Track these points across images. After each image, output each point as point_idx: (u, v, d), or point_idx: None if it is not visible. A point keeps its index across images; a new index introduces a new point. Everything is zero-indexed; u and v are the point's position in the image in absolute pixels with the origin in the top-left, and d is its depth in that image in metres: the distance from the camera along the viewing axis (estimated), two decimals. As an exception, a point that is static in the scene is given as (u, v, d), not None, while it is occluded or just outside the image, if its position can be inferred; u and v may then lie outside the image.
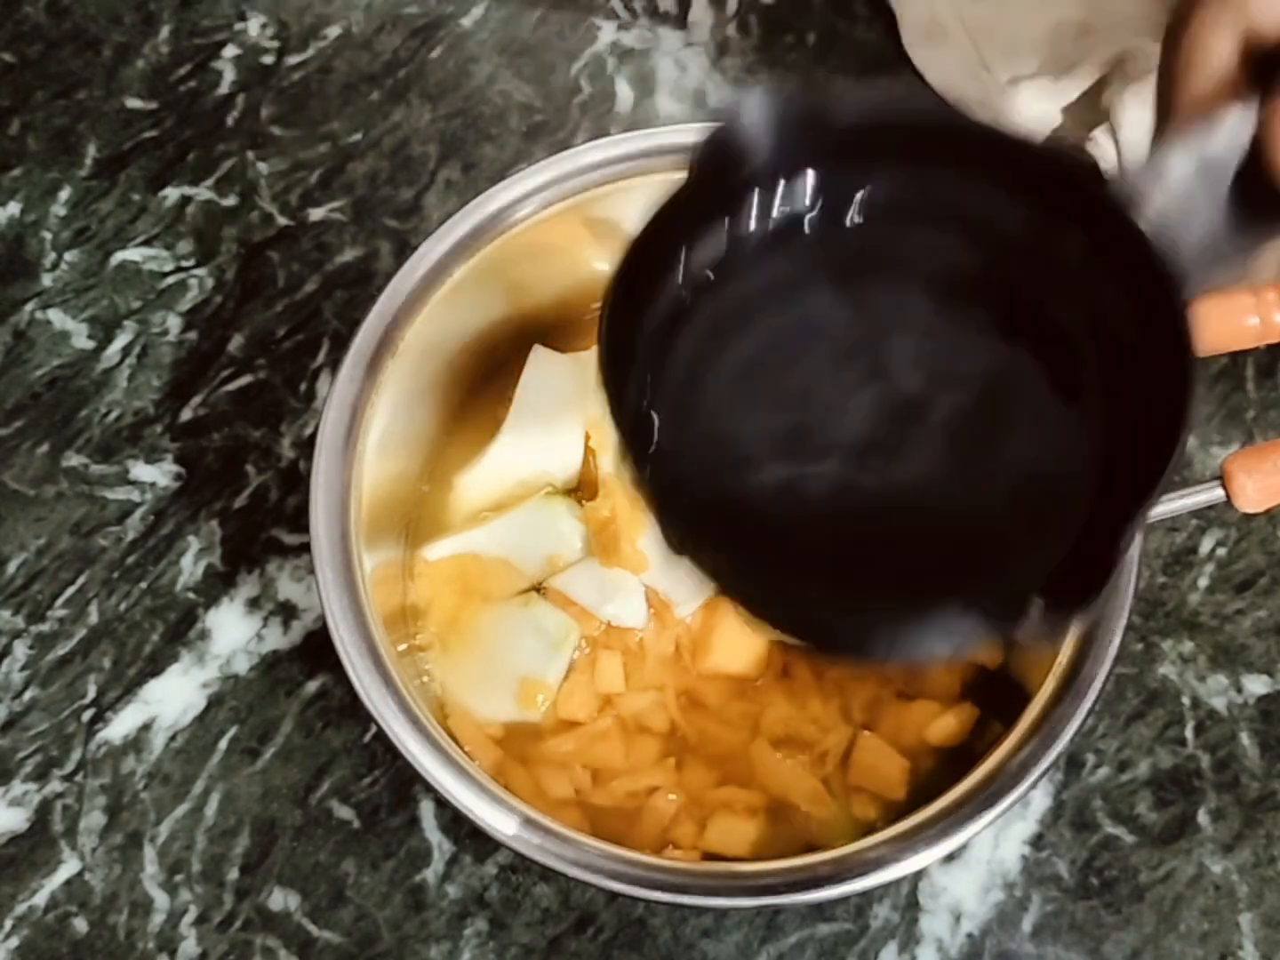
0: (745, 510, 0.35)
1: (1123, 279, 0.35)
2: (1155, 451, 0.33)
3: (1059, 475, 0.35)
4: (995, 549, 0.35)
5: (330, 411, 0.51)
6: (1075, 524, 0.34)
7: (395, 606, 0.55)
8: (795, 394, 0.36)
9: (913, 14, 0.68)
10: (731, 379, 0.36)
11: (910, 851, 0.46)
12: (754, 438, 0.36)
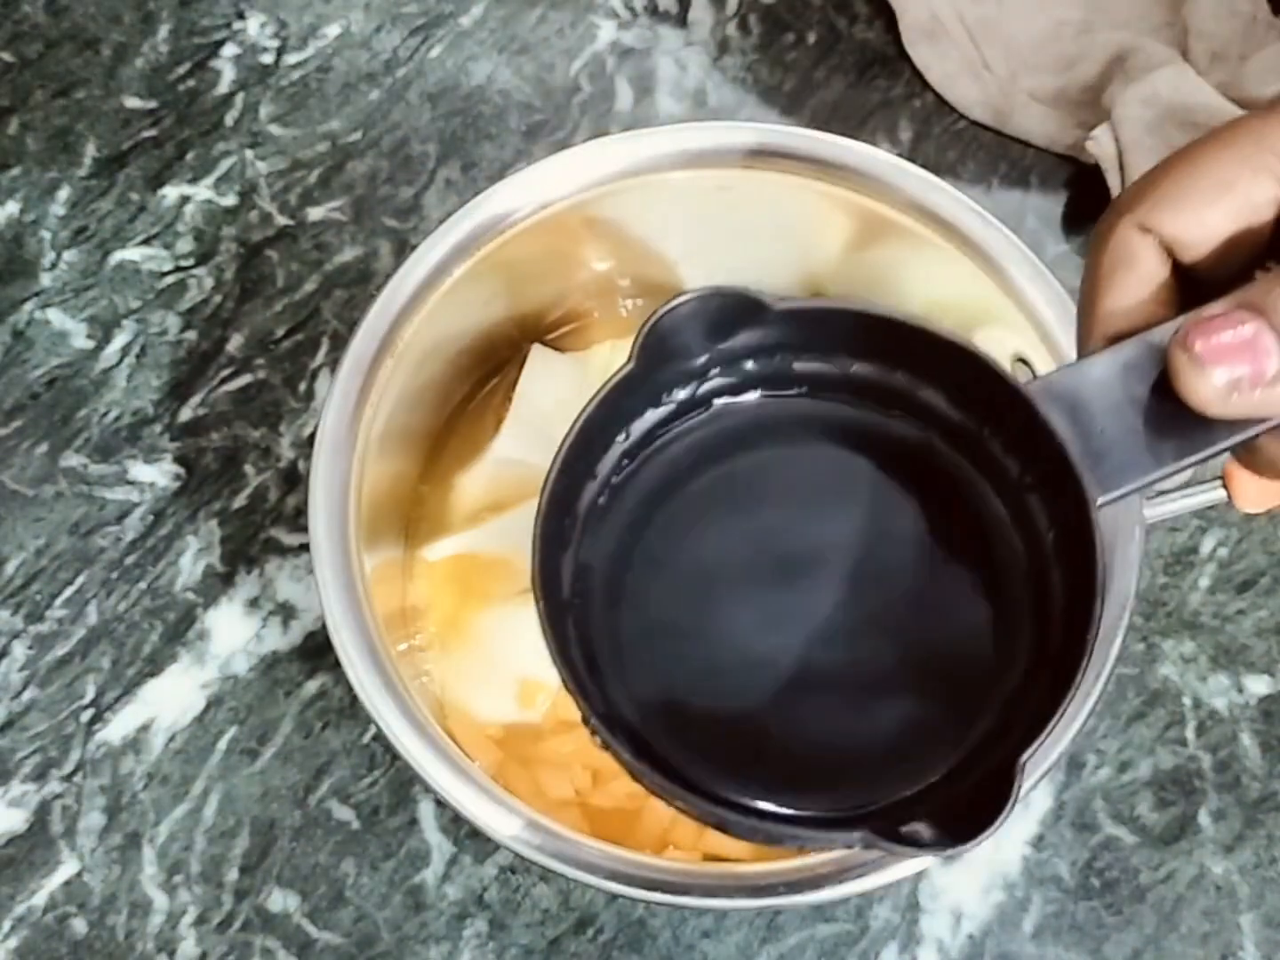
0: (671, 695, 0.36)
1: (1043, 482, 0.35)
2: (1060, 674, 0.32)
3: (969, 684, 0.35)
4: (896, 760, 0.35)
5: (329, 411, 0.51)
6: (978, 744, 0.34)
7: (395, 607, 0.55)
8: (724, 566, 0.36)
9: (913, 13, 0.68)
10: (655, 556, 0.37)
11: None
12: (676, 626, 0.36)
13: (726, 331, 0.35)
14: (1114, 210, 0.34)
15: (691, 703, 0.35)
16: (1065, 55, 0.67)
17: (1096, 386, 0.33)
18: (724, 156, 0.52)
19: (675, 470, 0.37)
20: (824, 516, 0.36)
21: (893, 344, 0.35)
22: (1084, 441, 0.33)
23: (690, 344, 0.35)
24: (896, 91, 0.68)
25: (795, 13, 0.70)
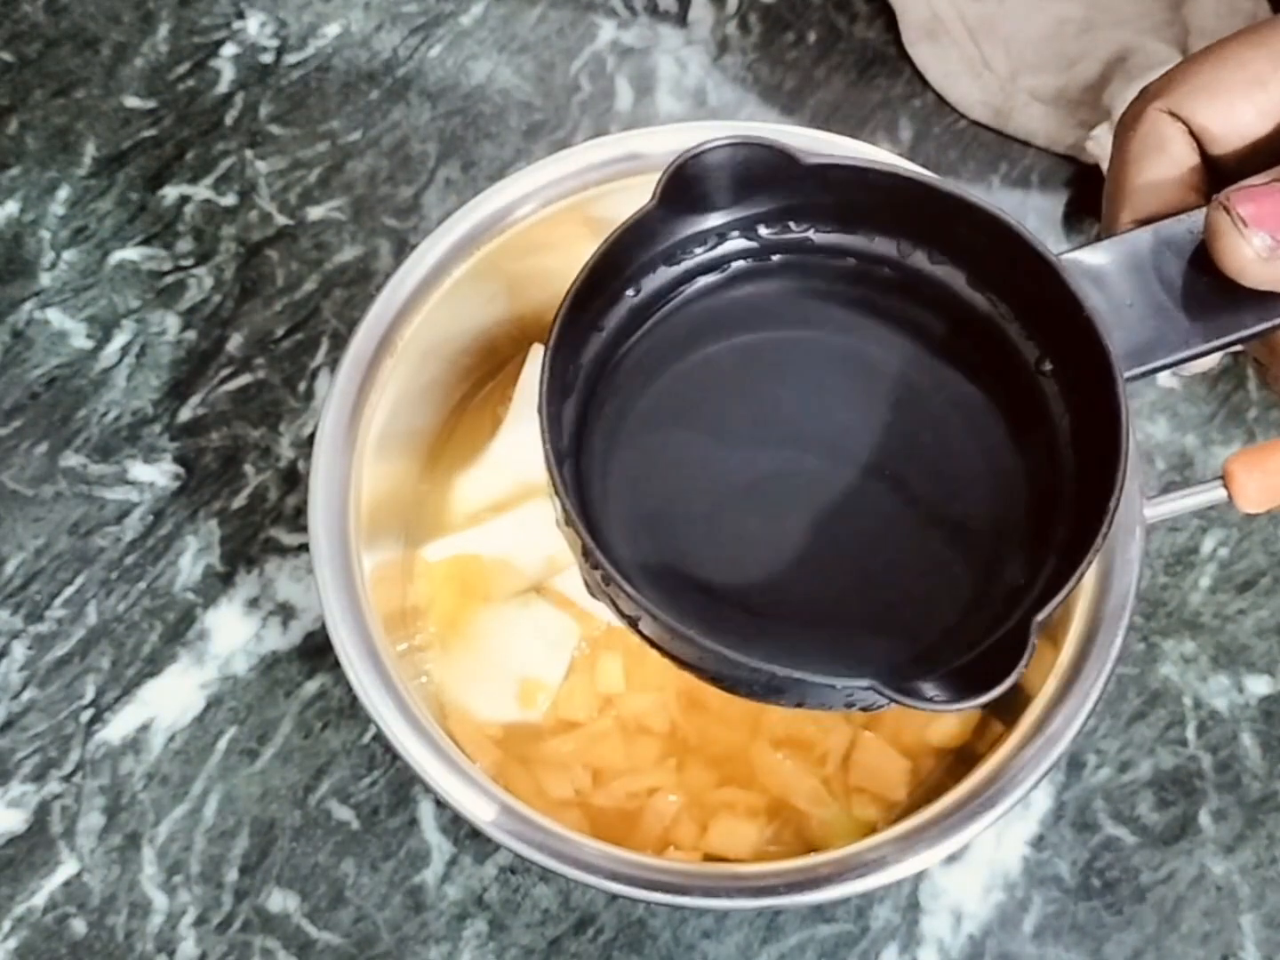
0: (668, 558, 0.35)
1: (1064, 350, 0.34)
2: (1081, 532, 0.32)
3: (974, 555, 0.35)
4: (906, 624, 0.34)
5: (329, 411, 0.51)
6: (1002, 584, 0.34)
7: (394, 607, 0.55)
8: (730, 429, 0.36)
9: (913, 12, 0.68)
10: (663, 415, 0.36)
11: (911, 852, 0.46)
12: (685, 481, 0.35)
13: (752, 186, 0.34)
14: (1143, 97, 0.34)
15: (687, 568, 0.34)
16: (1066, 54, 0.66)
17: (1125, 264, 0.33)
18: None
19: (683, 335, 0.36)
20: (833, 391, 0.36)
21: (919, 211, 0.34)
22: (1112, 315, 0.33)
23: (713, 195, 0.34)
24: (897, 91, 0.68)
25: (795, 12, 0.70)
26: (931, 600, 0.34)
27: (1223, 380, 0.62)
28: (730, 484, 0.35)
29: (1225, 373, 0.62)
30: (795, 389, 0.36)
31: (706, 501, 0.35)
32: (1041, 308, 0.34)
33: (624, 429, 0.35)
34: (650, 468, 0.35)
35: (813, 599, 0.34)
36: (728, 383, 0.36)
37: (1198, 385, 0.62)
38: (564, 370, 0.35)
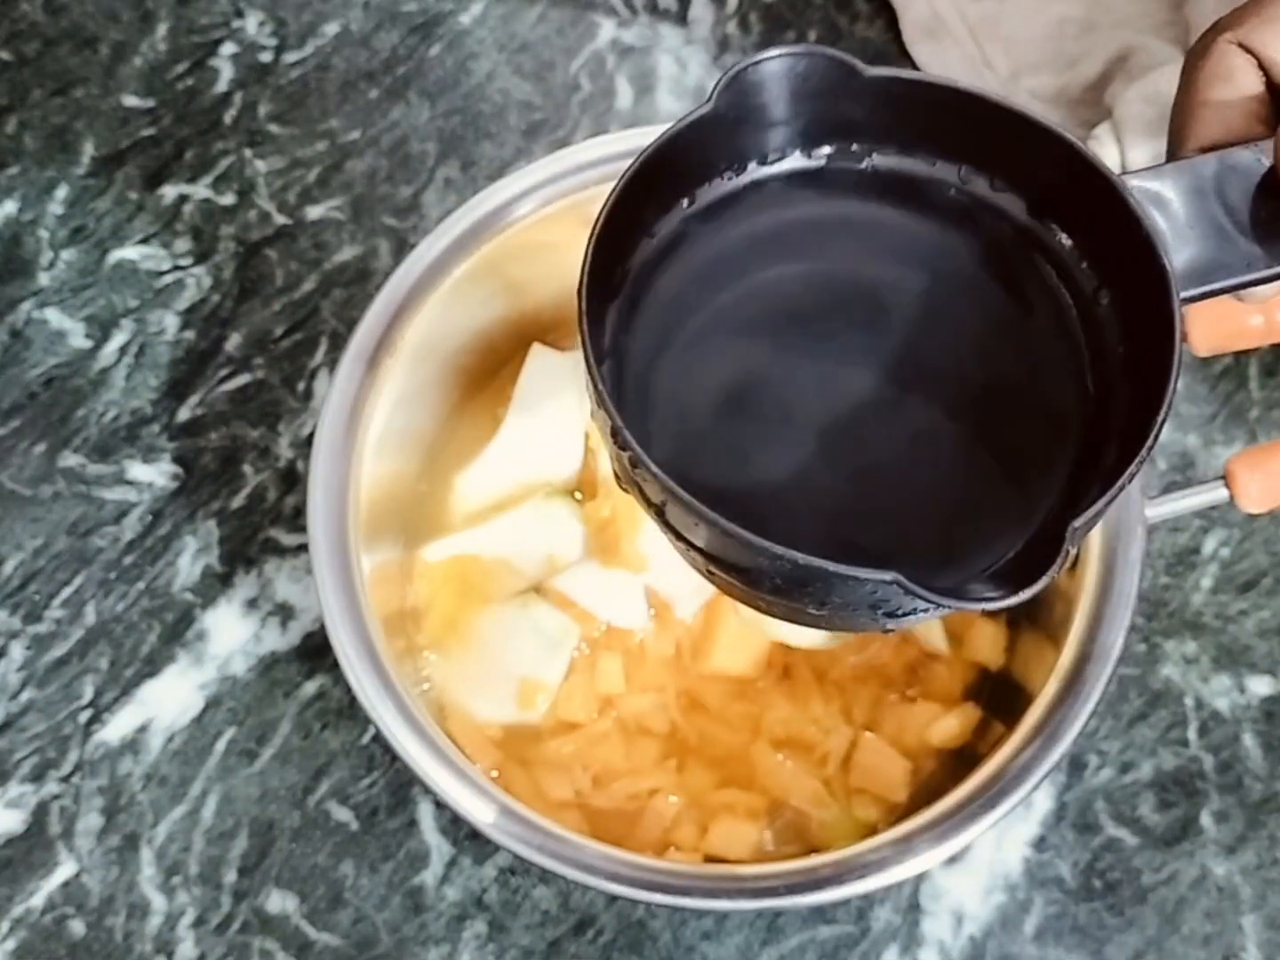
0: (708, 461, 0.35)
1: (1122, 276, 0.35)
2: (1128, 440, 0.32)
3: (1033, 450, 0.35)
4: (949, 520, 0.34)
5: (328, 411, 0.51)
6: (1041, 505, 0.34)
7: (394, 607, 0.54)
8: (775, 345, 0.36)
9: (914, 11, 0.68)
10: (711, 325, 0.36)
11: (912, 853, 0.46)
12: (728, 388, 0.35)
13: (811, 99, 0.34)
14: (1214, 29, 0.34)
15: (720, 471, 0.34)
16: (1067, 54, 0.66)
17: (1188, 188, 0.33)
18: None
19: (739, 253, 0.36)
20: (887, 316, 0.36)
21: (981, 131, 0.34)
22: (1172, 236, 0.33)
23: (771, 106, 0.34)
24: (897, 90, 0.68)
25: (796, 11, 0.70)
26: (969, 513, 0.34)
27: (1224, 381, 0.62)
28: (775, 399, 0.35)
29: (1226, 373, 0.62)
30: (848, 313, 0.36)
31: (748, 414, 0.35)
32: (1101, 232, 0.34)
33: (671, 338, 0.35)
34: (694, 378, 0.35)
35: (846, 506, 0.34)
36: (781, 304, 0.36)
37: (1199, 385, 0.62)
38: (608, 270, 0.34)
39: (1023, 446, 0.35)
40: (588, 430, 0.57)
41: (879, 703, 0.54)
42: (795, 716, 0.54)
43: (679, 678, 0.55)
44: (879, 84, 0.34)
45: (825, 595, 0.32)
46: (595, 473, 0.56)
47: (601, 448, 0.56)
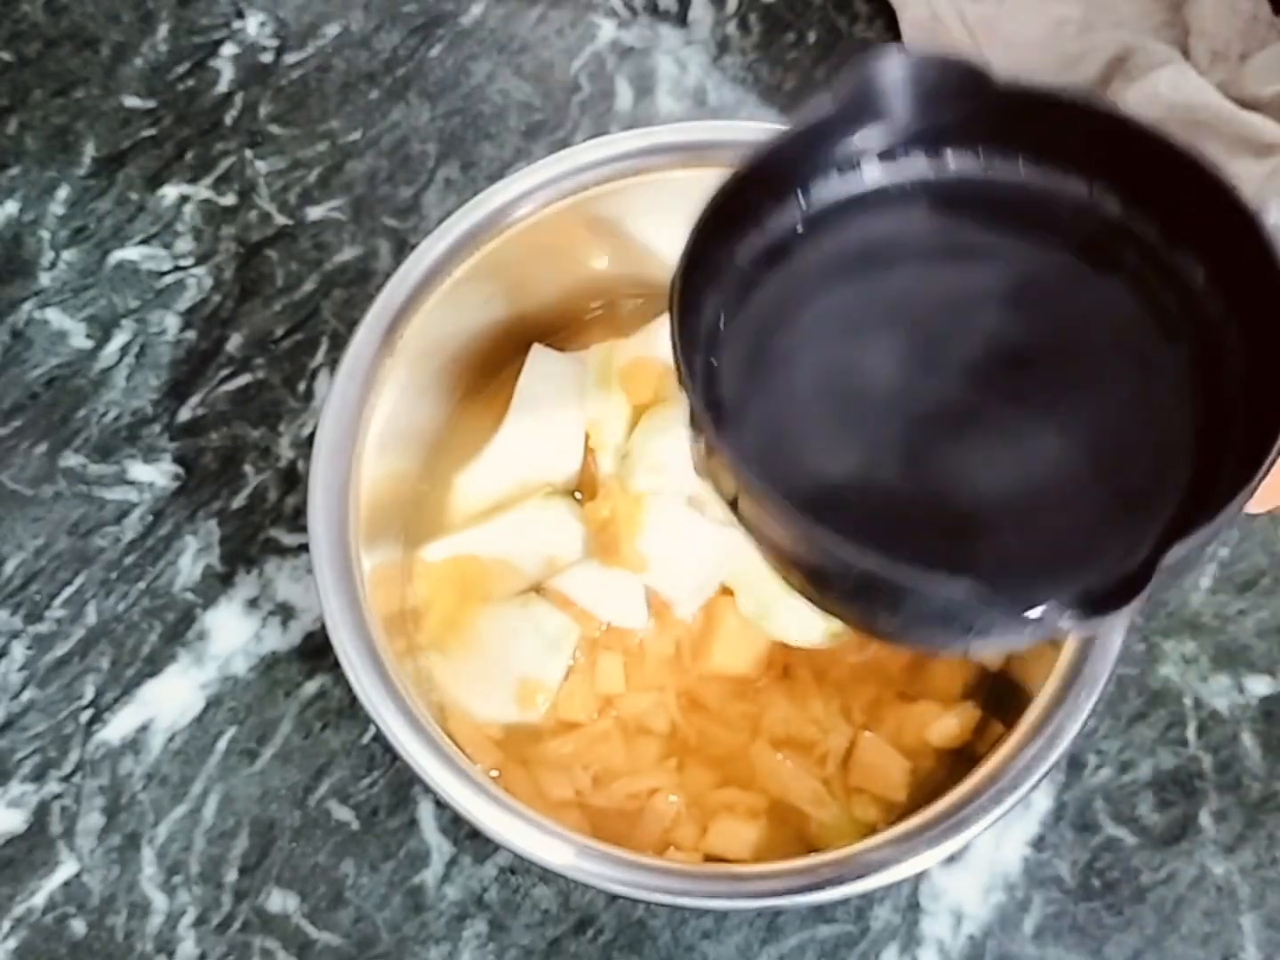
0: (801, 470, 0.34)
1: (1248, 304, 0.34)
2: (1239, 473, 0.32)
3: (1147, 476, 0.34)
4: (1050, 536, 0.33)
5: (329, 411, 0.51)
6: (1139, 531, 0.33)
7: (394, 607, 0.54)
8: (882, 355, 0.35)
9: (913, 11, 0.68)
10: (814, 333, 0.35)
11: (911, 853, 0.46)
12: (823, 390, 0.34)
13: (937, 106, 0.33)
14: None
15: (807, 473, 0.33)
16: (1066, 54, 0.66)
17: None
18: (724, 155, 0.52)
19: (854, 255, 0.35)
20: (1002, 331, 0.35)
21: (1116, 151, 0.33)
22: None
23: (896, 110, 0.33)
24: (897, 91, 0.68)
25: (795, 11, 0.70)
26: (1066, 535, 0.33)
27: (1223, 380, 0.62)
28: (873, 404, 0.34)
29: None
30: (960, 327, 0.35)
31: (842, 416, 0.34)
32: (1234, 265, 0.33)
33: (772, 335, 0.34)
34: (789, 379, 0.34)
35: (933, 518, 0.33)
36: (891, 313, 0.35)
37: None
38: (710, 258, 0.33)
39: (1133, 474, 0.34)
40: (588, 430, 0.57)
41: (878, 702, 0.54)
42: (795, 716, 0.54)
43: (679, 678, 0.55)
44: (1009, 94, 0.33)
45: (896, 605, 0.31)
46: (595, 473, 0.57)
47: (602, 448, 0.56)
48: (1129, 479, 0.34)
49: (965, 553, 0.32)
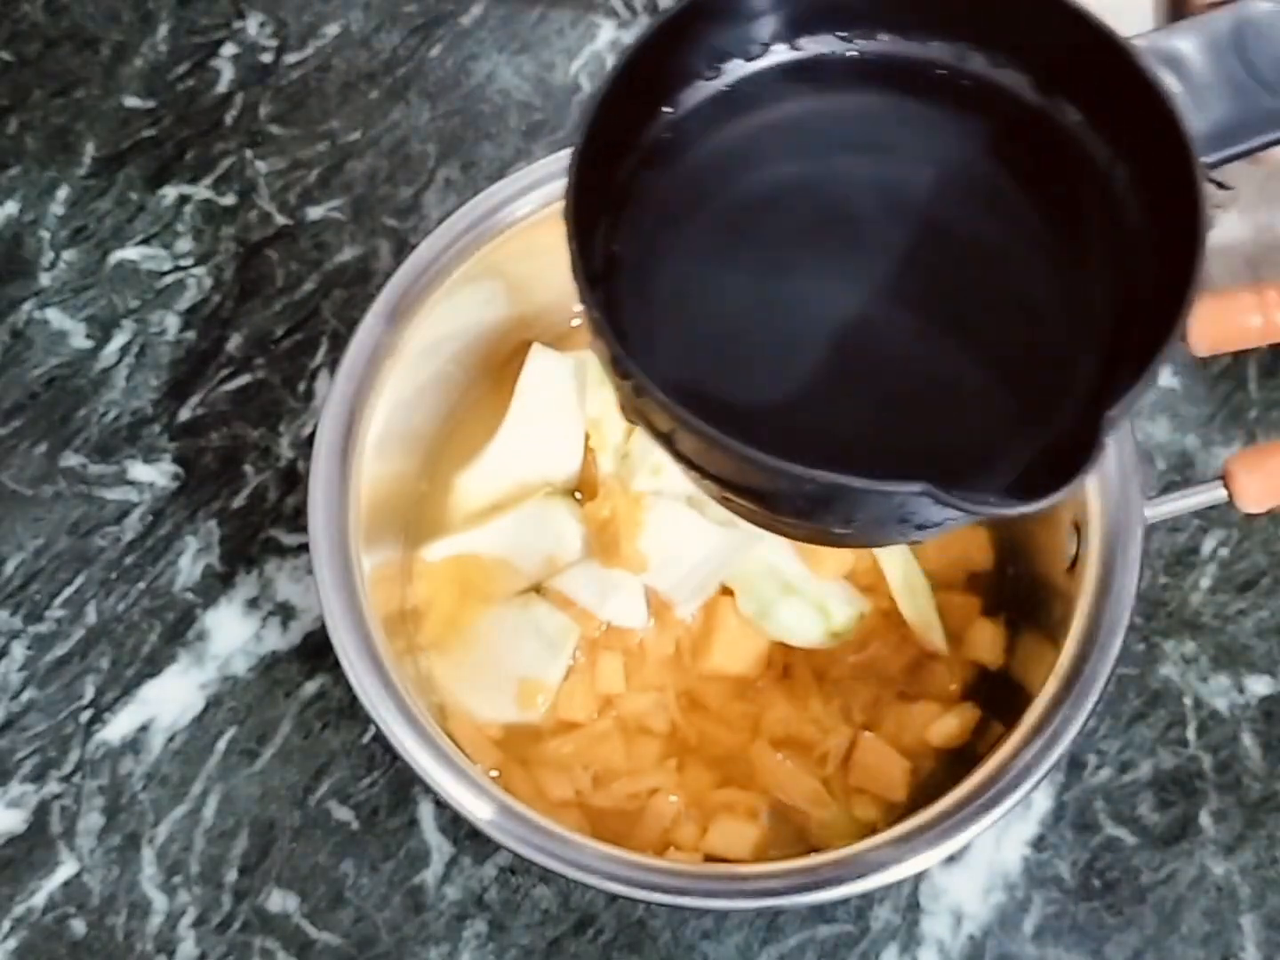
0: (716, 371, 0.33)
1: (1134, 147, 0.33)
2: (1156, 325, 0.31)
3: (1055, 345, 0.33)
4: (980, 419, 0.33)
5: (329, 411, 0.51)
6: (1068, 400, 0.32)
7: (394, 607, 0.54)
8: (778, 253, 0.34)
9: (913, 12, 0.68)
10: (708, 231, 0.34)
11: (911, 853, 0.46)
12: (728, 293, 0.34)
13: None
14: None
15: (729, 390, 0.32)
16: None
17: (1203, 45, 0.32)
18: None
19: (729, 158, 0.34)
20: (890, 216, 0.34)
21: (979, 6, 0.33)
22: (1189, 98, 0.31)
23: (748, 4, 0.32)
24: (897, 91, 0.68)
25: (795, 12, 0.70)
26: (995, 415, 0.33)
27: (1223, 381, 0.62)
28: (782, 313, 0.33)
29: (1225, 373, 0.62)
30: (851, 218, 0.34)
31: (754, 329, 0.33)
32: (1114, 103, 0.32)
33: (666, 253, 0.34)
34: (694, 295, 0.33)
35: (863, 419, 0.33)
36: (778, 212, 0.34)
37: (1198, 386, 0.62)
38: (594, 185, 0.32)
39: (1045, 342, 0.33)
40: (588, 430, 0.57)
41: (878, 702, 0.54)
42: (795, 716, 0.54)
43: (679, 677, 0.55)
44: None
45: (851, 513, 0.31)
46: (595, 473, 0.57)
47: (602, 448, 0.56)
48: (1043, 350, 0.33)
49: (900, 450, 0.32)
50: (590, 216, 0.32)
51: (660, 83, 0.33)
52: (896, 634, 0.55)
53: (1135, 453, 0.50)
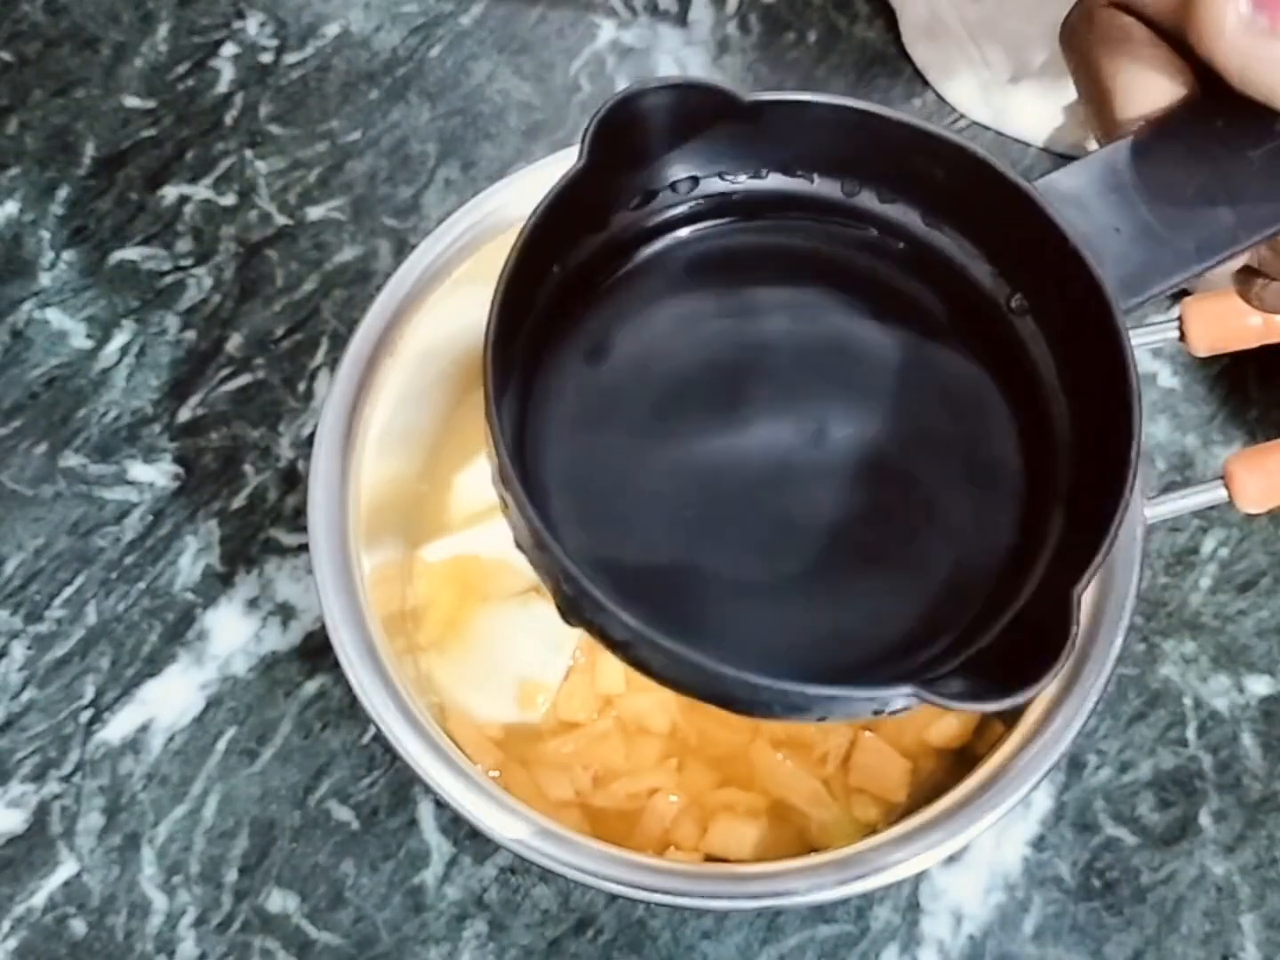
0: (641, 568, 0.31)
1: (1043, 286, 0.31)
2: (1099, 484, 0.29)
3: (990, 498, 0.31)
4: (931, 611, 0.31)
5: (329, 411, 0.51)
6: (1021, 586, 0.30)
7: (394, 607, 0.54)
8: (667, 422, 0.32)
9: (913, 12, 0.68)
10: (606, 406, 0.32)
11: (911, 853, 0.46)
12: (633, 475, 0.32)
13: (689, 131, 0.30)
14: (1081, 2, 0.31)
15: (654, 570, 0.31)
16: (1066, 54, 0.66)
17: (1105, 184, 0.30)
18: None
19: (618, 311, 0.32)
20: (789, 364, 0.32)
21: (873, 147, 0.31)
22: (1099, 243, 0.29)
23: (649, 144, 0.31)
24: (897, 91, 0.68)
25: (795, 12, 0.70)
26: (941, 583, 0.31)
27: (1223, 381, 0.62)
28: (686, 474, 0.31)
29: (1225, 373, 0.62)
30: (744, 366, 0.32)
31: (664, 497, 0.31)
32: (1014, 242, 0.31)
33: (568, 419, 0.32)
34: (597, 462, 0.31)
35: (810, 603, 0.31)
36: (668, 362, 0.32)
37: (1197, 385, 0.62)
38: (505, 357, 0.30)
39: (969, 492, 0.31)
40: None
41: (878, 702, 0.54)
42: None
43: (679, 677, 0.55)
44: (757, 108, 0.30)
45: (827, 713, 0.29)
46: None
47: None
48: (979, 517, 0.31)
49: (853, 644, 0.30)
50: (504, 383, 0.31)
51: (552, 245, 0.32)
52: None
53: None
